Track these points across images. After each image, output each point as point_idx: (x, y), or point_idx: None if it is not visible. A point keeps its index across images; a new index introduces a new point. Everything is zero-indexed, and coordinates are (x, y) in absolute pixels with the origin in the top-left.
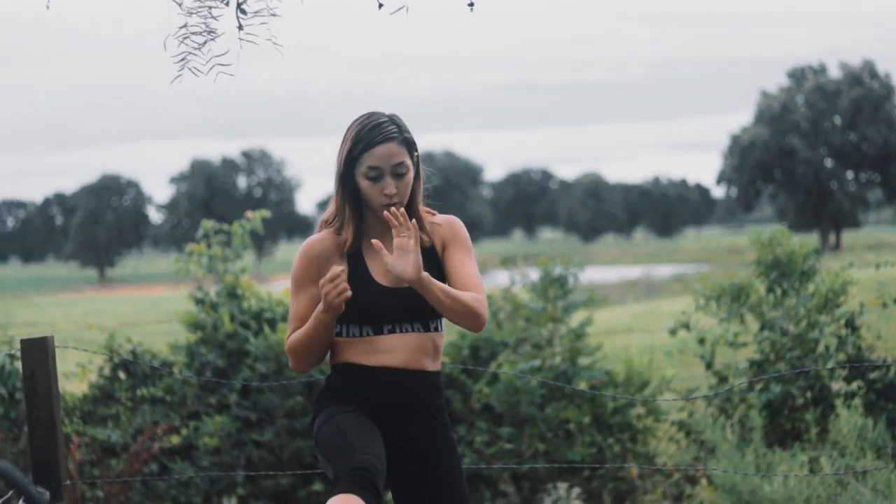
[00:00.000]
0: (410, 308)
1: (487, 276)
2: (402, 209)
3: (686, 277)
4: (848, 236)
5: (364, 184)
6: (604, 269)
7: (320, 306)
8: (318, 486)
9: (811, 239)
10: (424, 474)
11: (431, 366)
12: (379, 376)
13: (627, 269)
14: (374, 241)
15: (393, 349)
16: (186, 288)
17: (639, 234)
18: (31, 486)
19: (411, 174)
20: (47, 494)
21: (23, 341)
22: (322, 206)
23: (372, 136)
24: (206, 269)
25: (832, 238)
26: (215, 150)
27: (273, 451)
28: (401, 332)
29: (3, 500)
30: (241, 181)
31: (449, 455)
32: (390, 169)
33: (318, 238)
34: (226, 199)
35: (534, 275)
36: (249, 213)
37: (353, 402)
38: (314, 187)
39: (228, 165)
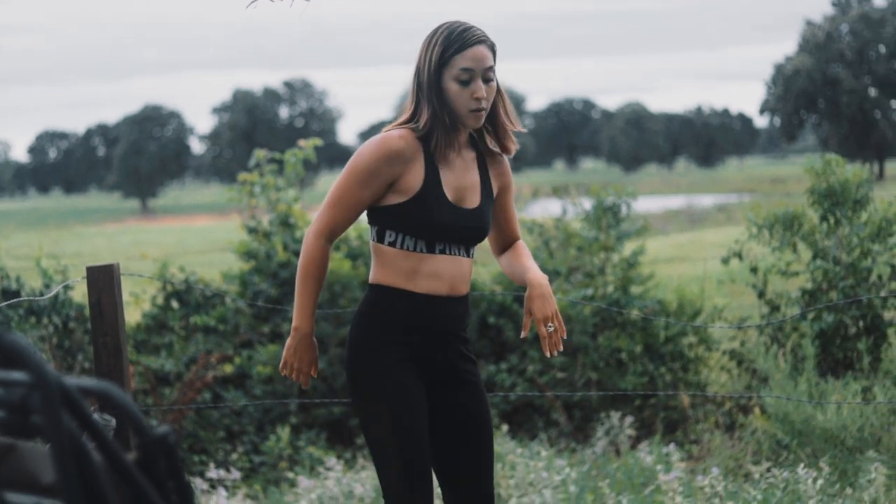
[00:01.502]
0: (467, 231)
1: (537, 205)
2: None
3: (729, 207)
4: (891, 166)
5: (453, 88)
6: (646, 199)
7: (299, 327)
8: None
9: (855, 168)
10: (455, 386)
11: (466, 289)
12: (426, 305)
13: (670, 199)
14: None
15: (441, 274)
16: (231, 218)
17: (681, 164)
18: (143, 418)
19: (495, 82)
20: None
21: (89, 269)
22: (364, 136)
23: (465, 38)
24: (260, 197)
25: (875, 168)
26: (257, 80)
27: (326, 380)
28: (450, 254)
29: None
30: (283, 111)
31: (472, 367)
32: (482, 72)
33: (400, 135)
34: (267, 129)
35: (586, 204)
36: (302, 142)
37: (396, 346)
38: (356, 118)
39: (270, 96)
